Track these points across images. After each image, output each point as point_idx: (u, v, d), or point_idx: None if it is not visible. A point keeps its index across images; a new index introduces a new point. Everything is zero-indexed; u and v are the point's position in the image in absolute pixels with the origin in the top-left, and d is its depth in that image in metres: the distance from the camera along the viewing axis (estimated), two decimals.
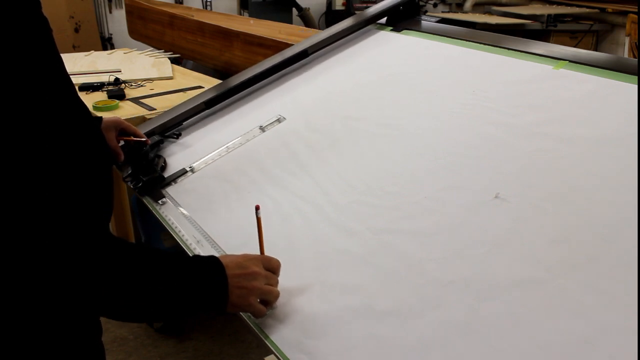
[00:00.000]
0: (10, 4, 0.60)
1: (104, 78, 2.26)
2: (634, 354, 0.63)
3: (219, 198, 1.14)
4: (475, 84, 1.21)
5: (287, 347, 0.78)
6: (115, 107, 1.91)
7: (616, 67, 1.10)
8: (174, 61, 2.77)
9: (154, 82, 2.30)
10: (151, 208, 1.17)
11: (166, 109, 1.66)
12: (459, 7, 5.98)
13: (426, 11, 5.99)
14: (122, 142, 1.24)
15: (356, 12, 4.67)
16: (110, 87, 2.17)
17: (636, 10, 4.27)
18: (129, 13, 3.76)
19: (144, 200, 1.20)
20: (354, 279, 0.85)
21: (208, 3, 5.51)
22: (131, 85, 2.22)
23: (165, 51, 3.01)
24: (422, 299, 0.78)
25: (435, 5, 6.17)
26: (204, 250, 1.00)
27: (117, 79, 2.23)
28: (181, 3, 5.29)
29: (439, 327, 0.74)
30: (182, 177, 1.24)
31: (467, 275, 0.79)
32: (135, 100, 2.02)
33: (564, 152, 0.95)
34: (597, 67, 1.12)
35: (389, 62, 1.44)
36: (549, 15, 4.56)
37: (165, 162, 1.29)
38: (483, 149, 1.02)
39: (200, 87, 2.20)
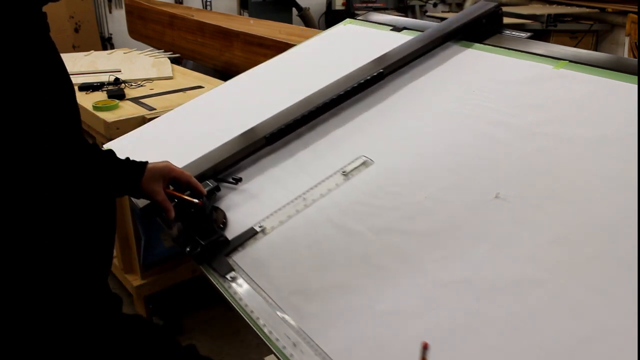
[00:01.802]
0: (21, 29, 0.58)
1: (104, 78, 2.25)
2: (634, 354, 0.63)
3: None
4: (475, 84, 1.21)
5: (288, 347, 0.77)
6: (115, 107, 1.91)
7: (616, 67, 1.10)
8: (174, 61, 2.76)
9: (154, 82, 2.30)
10: (217, 285, 0.90)
11: (166, 110, 1.65)
12: (459, 7, 5.98)
13: (426, 11, 5.99)
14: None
15: (356, 12, 4.68)
16: (110, 87, 2.17)
17: (636, 10, 4.27)
18: (129, 13, 3.76)
19: (205, 271, 0.94)
20: (354, 279, 0.85)
21: (208, 3, 5.51)
22: (131, 85, 2.22)
23: (165, 51, 3.00)
24: (422, 299, 0.78)
25: (435, 5, 6.17)
26: (304, 358, 0.75)
27: (117, 79, 2.23)
28: (181, 3, 5.28)
29: (439, 327, 0.74)
30: (252, 240, 0.96)
31: (467, 275, 0.79)
32: (135, 100, 2.02)
33: (564, 152, 0.95)
34: (597, 67, 1.12)
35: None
36: (549, 15, 4.56)
37: (225, 217, 1.02)
38: (483, 149, 1.02)
39: (200, 87, 2.20)
